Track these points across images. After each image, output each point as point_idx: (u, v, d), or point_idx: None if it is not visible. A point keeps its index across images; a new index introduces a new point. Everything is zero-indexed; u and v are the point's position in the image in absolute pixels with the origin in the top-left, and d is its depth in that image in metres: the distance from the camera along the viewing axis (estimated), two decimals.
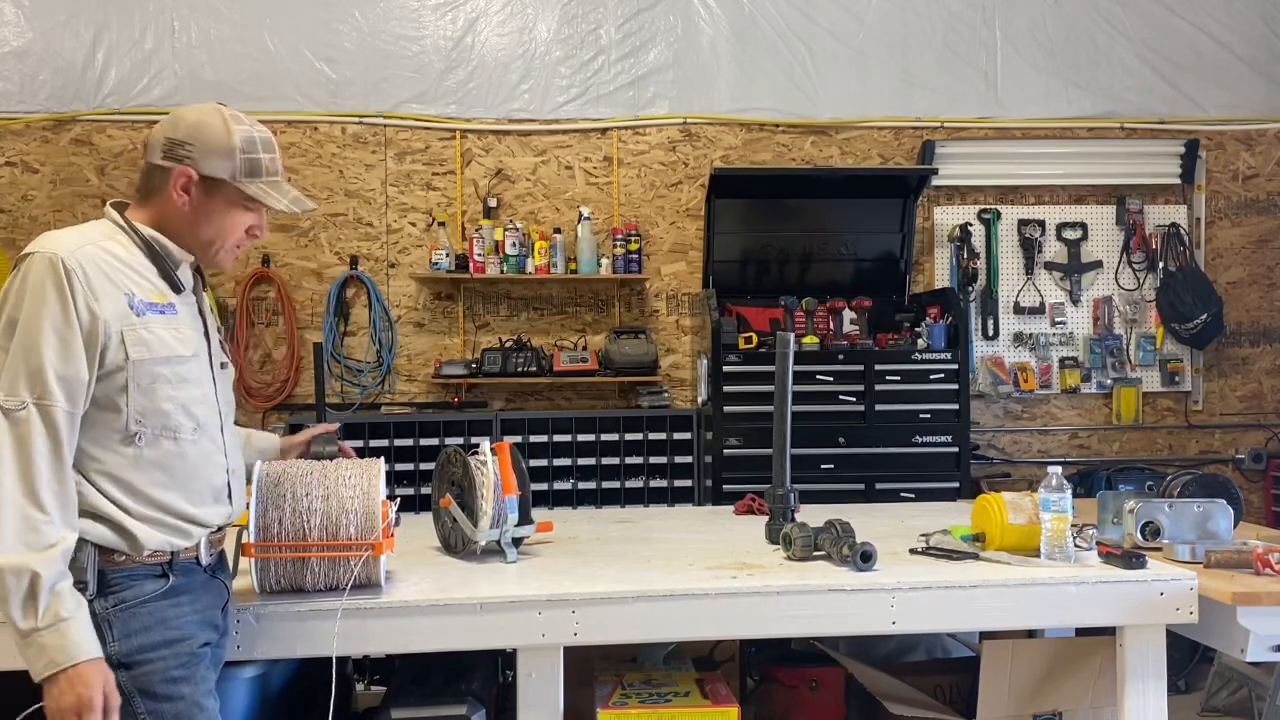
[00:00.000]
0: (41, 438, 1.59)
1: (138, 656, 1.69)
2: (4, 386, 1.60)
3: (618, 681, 2.45)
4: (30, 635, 1.56)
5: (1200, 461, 5.09)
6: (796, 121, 5.04)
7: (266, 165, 1.81)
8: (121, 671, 1.66)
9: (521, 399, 4.94)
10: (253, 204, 1.81)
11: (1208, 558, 2.33)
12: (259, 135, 1.82)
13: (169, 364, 1.73)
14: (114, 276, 1.69)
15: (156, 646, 1.70)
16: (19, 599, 1.55)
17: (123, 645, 1.68)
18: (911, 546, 2.49)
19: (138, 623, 1.70)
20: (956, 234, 5.02)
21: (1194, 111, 5.18)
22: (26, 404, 1.59)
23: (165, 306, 1.76)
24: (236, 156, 1.78)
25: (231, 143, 1.78)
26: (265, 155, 1.81)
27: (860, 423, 4.30)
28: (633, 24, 4.97)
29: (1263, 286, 5.24)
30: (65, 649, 1.57)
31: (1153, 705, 2.22)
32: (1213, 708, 4.06)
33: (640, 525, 3.03)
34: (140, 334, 1.70)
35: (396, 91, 4.89)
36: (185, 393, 1.76)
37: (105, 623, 1.66)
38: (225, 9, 4.79)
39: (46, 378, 1.60)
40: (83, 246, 1.67)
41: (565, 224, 4.90)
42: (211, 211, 1.79)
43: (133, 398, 1.69)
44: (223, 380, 1.90)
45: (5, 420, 1.59)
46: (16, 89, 4.74)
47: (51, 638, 1.56)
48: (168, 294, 1.78)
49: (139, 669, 1.68)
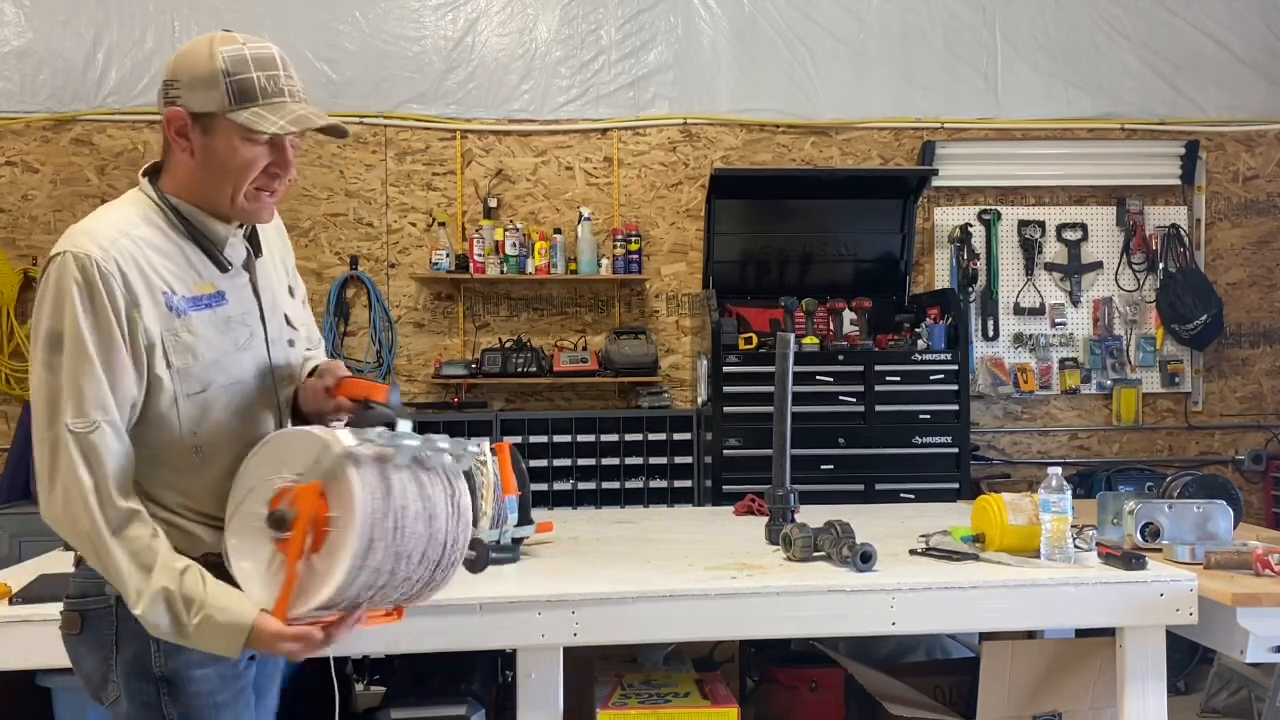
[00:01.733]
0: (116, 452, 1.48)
1: (184, 672, 1.54)
2: (69, 409, 1.45)
3: (617, 682, 2.45)
4: (198, 642, 1.47)
5: (1200, 462, 5.09)
6: (796, 122, 5.04)
7: (263, 85, 1.51)
8: (164, 689, 1.54)
9: (521, 399, 4.94)
10: (256, 135, 1.51)
11: (1207, 559, 2.33)
12: (252, 52, 1.52)
13: (220, 368, 1.55)
14: (149, 273, 1.51)
15: (202, 663, 1.54)
16: (170, 626, 1.46)
17: (169, 659, 1.53)
18: (911, 547, 2.49)
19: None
20: (956, 235, 5.02)
21: (1194, 112, 5.18)
22: (98, 424, 1.46)
23: (211, 297, 1.56)
24: (222, 83, 1.50)
25: (214, 67, 1.50)
26: (260, 74, 1.51)
27: (860, 423, 4.30)
28: (633, 24, 4.97)
29: (1263, 287, 5.24)
30: (232, 628, 1.45)
31: (1152, 706, 2.22)
32: (1212, 709, 4.06)
33: (640, 526, 3.03)
34: (183, 339, 1.52)
35: (397, 91, 4.89)
36: (241, 397, 1.58)
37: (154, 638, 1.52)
38: (225, 9, 4.79)
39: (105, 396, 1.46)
40: (116, 241, 1.49)
41: (565, 224, 4.90)
42: (215, 153, 1.52)
43: (184, 409, 1.53)
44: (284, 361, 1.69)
45: (75, 443, 1.45)
46: (17, 89, 4.74)
47: (210, 632, 1.45)
48: (215, 279, 1.58)
49: (181, 689, 1.55)
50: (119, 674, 1.54)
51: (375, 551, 1.42)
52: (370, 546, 1.41)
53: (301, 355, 1.78)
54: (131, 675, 1.54)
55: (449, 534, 1.53)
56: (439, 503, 1.51)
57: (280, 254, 1.79)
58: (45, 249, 4.74)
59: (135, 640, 1.53)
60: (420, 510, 1.48)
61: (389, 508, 1.44)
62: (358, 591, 1.44)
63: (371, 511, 1.42)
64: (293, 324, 1.75)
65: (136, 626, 1.50)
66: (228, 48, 1.53)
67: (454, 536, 1.54)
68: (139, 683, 1.54)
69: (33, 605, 2.03)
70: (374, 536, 1.42)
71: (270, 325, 1.66)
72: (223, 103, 1.50)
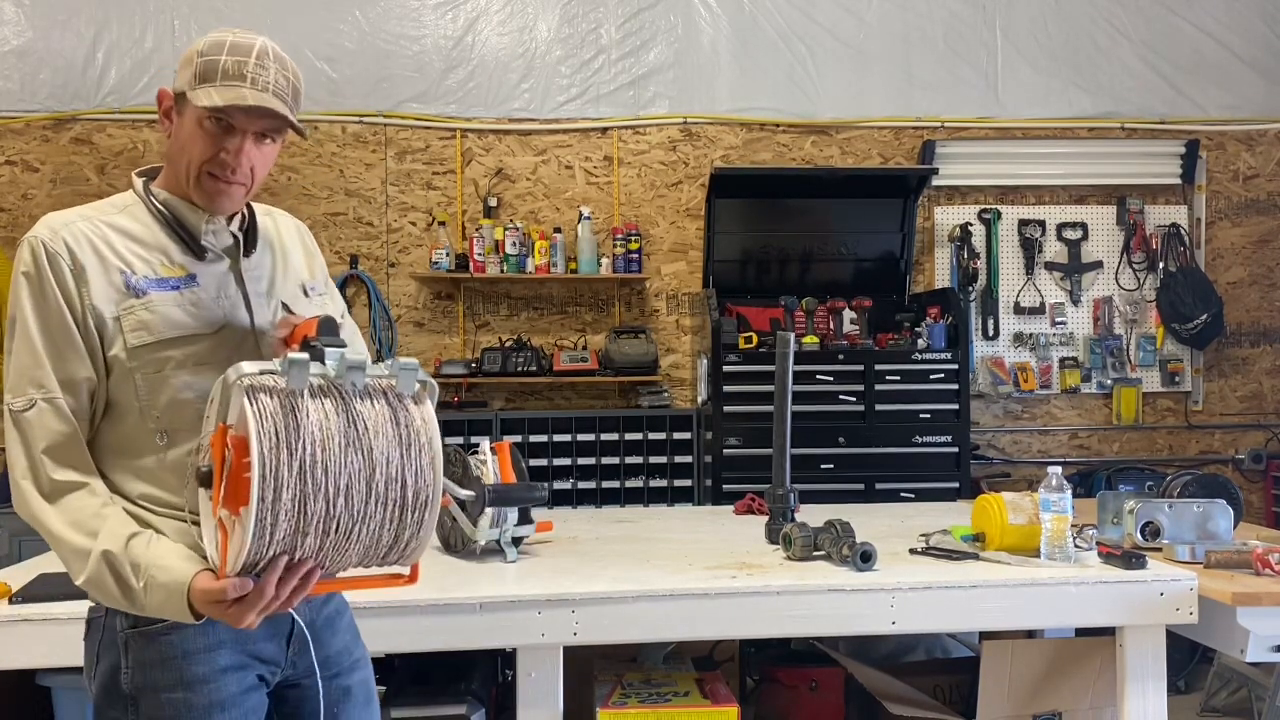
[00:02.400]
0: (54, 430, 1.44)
1: (149, 694, 1.45)
2: (9, 390, 1.44)
3: (617, 681, 2.45)
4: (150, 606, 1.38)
5: (1200, 462, 5.09)
6: (797, 121, 5.04)
7: (226, 67, 1.47)
8: (130, 709, 1.45)
9: (521, 398, 4.94)
10: (210, 115, 1.48)
11: (1208, 558, 2.33)
12: (234, 39, 1.51)
13: (179, 345, 1.48)
14: (105, 254, 1.48)
15: (171, 686, 1.44)
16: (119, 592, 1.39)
17: (134, 676, 1.45)
18: (911, 546, 2.49)
19: (153, 652, 1.45)
20: (957, 234, 5.02)
21: (1194, 112, 5.18)
22: (35, 401, 1.43)
23: (180, 280, 1.52)
24: (195, 62, 1.49)
25: (197, 47, 1.50)
26: (229, 58, 1.48)
27: (860, 423, 4.30)
28: (633, 23, 4.97)
29: (1263, 287, 5.24)
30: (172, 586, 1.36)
31: (1152, 705, 2.22)
32: (1212, 708, 4.06)
33: (640, 525, 3.03)
34: (140, 316, 1.47)
35: (396, 91, 4.89)
36: (206, 377, 1.47)
37: (123, 644, 1.46)
38: (225, 8, 4.79)
39: (45, 375, 1.44)
40: (71, 224, 1.49)
41: (565, 223, 4.89)
42: (181, 135, 1.52)
43: (141, 390, 1.47)
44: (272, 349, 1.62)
45: (13, 422, 1.43)
46: (17, 88, 4.73)
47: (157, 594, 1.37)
48: (188, 264, 1.54)
49: (146, 710, 1.45)
50: (94, 686, 1.51)
51: (286, 487, 1.24)
52: (275, 482, 1.23)
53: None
54: (102, 689, 1.49)
55: (399, 464, 1.31)
56: (378, 428, 1.31)
57: (298, 258, 1.74)
58: None
59: (110, 654, 1.48)
60: (344, 437, 1.29)
61: (296, 437, 1.25)
62: (284, 538, 1.26)
63: (270, 442, 1.24)
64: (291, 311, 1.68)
65: (113, 641, 1.47)
66: (216, 33, 1.53)
67: (411, 467, 1.32)
68: (108, 697, 1.49)
69: (33, 604, 2.03)
70: (278, 470, 1.23)
71: (257, 314, 1.59)
72: (190, 81, 1.49)
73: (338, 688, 1.62)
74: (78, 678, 2.08)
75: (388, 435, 1.31)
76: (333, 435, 1.27)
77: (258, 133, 1.53)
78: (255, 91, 1.49)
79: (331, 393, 1.32)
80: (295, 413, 1.27)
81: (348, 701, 1.63)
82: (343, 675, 1.63)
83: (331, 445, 1.27)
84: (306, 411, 1.28)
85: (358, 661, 1.67)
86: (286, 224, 1.76)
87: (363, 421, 1.30)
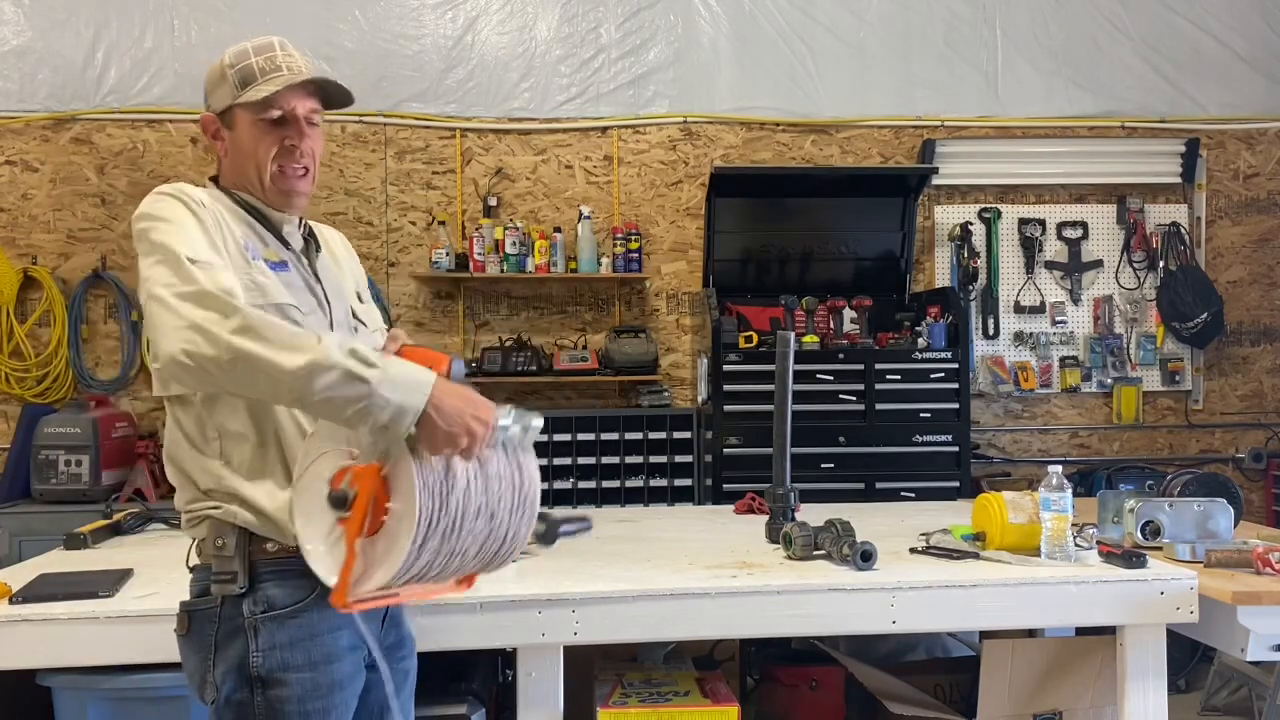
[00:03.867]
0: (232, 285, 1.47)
1: (279, 675, 1.53)
2: (186, 255, 1.46)
3: (618, 681, 2.45)
4: (381, 389, 1.38)
5: (1200, 461, 5.09)
6: (797, 120, 5.04)
7: (261, 66, 1.62)
8: (257, 690, 1.52)
9: (522, 398, 4.93)
10: (263, 111, 1.62)
11: (1208, 557, 2.33)
12: (253, 43, 1.65)
13: (285, 314, 1.55)
14: (223, 222, 1.60)
15: (300, 667, 1.54)
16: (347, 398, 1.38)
17: (266, 659, 1.53)
18: (911, 546, 2.49)
19: (284, 634, 1.54)
20: (957, 233, 5.02)
21: (1194, 110, 5.17)
22: (213, 263, 1.47)
23: (278, 264, 1.63)
24: (229, 77, 1.63)
25: (222, 66, 1.64)
26: (258, 58, 1.63)
27: (860, 422, 4.29)
28: (633, 23, 4.96)
29: (1263, 286, 5.23)
30: (410, 368, 1.44)
31: (1153, 705, 2.22)
32: (1213, 707, 4.06)
33: (640, 524, 3.03)
34: (257, 279, 1.56)
35: (396, 90, 4.88)
36: None
37: (251, 629, 1.53)
38: (225, 7, 4.79)
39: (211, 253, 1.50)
40: (195, 193, 1.60)
41: (565, 223, 4.89)
42: (239, 142, 1.64)
43: None
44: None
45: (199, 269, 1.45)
46: (16, 88, 4.73)
47: (397, 368, 1.42)
48: (281, 252, 1.66)
49: (275, 690, 1.53)
50: (216, 674, 1.55)
51: (429, 549, 1.41)
52: (424, 542, 1.40)
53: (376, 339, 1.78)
54: (228, 674, 1.54)
55: (510, 529, 1.51)
56: (503, 495, 1.50)
57: (349, 265, 1.87)
58: (45, 248, 4.74)
59: (236, 640, 1.53)
60: (482, 507, 1.47)
61: (449, 507, 1.42)
62: (408, 577, 1.45)
63: (431, 513, 1.40)
64: (359, 319, 1.79)
65: (238, 628, 1.53)
66: (233, 48, 1.65)
67: (515, 530, 1.52)
68: (234, 682, 1.54)
69: (33, 605, 2.03)
70: (428, 535, 1.40)
71: (335, 309, 1.71)
72: (233, 93, 1.62)
73: (400, 670, 1.74)
74: (78, 678, 2.09)
75: (509, 503, 1.51)
76: (472, 500, 1.45)
77: (308, 119, 1.66)
78: (295, 76, 1.63)
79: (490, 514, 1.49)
80: (452, 488, 1.43)
81: (406, 683, 1.78)
82: (406, 659, 1.78)
83: (469, 512, 1.45)
84: (455, 477, 1.44)
85: (412, 648, 1.82)
86: (332, 234, 1.89)
87: (495, 489, 1.49)
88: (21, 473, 4.29)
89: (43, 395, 4.61)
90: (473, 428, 1.44)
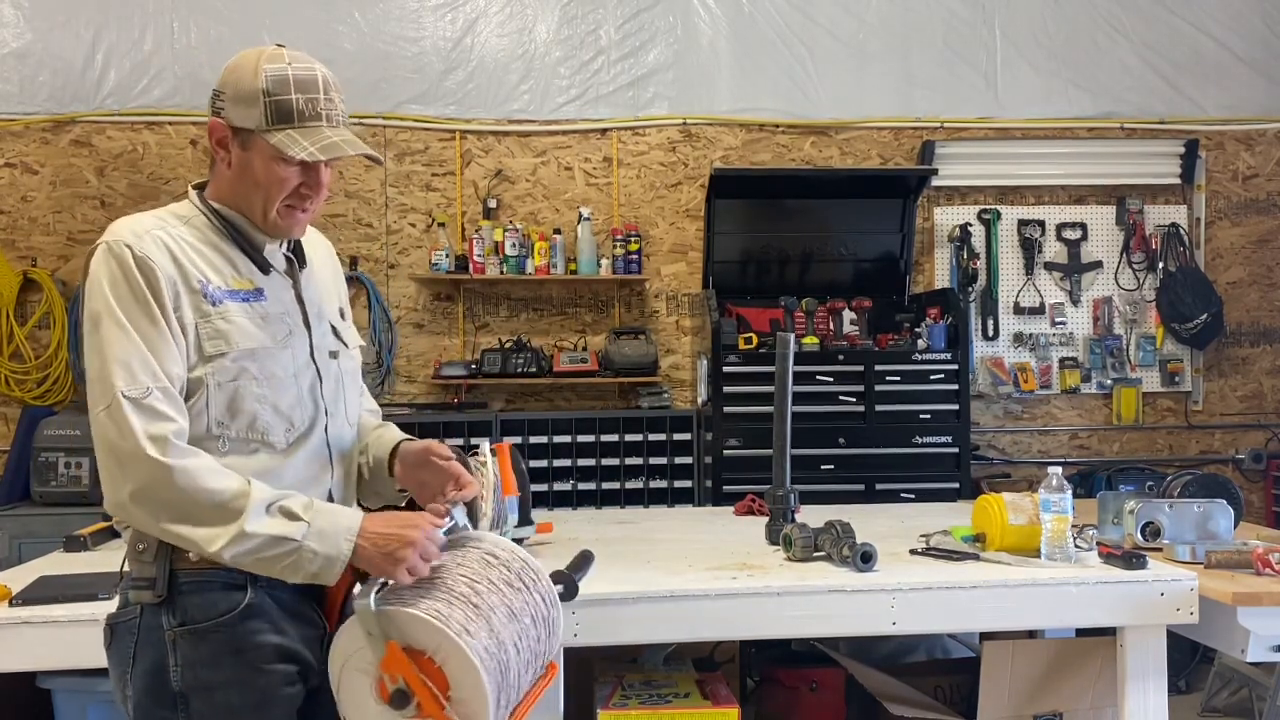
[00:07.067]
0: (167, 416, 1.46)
1: (200, 694, 1.48)
2: (120, 378, 1.43)
3: (618, 682, 2.44)
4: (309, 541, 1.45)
5: (1200, 461, 5.09)
6: (796, 122, 5.04)
7: (300, 108, 1.53)
8: (180, 708, 1.48)
9: (521, 400, 4.93)
10: (290, 156, 1.53)
11: (1208, 558, 2.33)
12: (295, 73, 1.54)
13: (253, 358, 1.54)
14: (184, 263, 1.52)
15: (223, 685, 1.49)
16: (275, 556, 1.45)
17: (185, 676, 1.48)
18: (912, 547, 2.48)
19: (205, 649, 1.49)
20: (956, 234, 5.02)
21: (1194, 111, 5.18)
22: (150, 389, 1.44)
23: (250, 293, 1.57)
24: (261, 101, 1.52)
25: (256, 85, 1.52)
26: (300, 96, 1.53)
27: (860, 423, 4.29)
28: (632, 24, 4.96)
29: (1263, 286, 5.24)
30: (337, 514, 1.51)
31: (1153, 706, 2.22)
32: (1213, 708, 4.05)
33: (640, 526, 3.03)
34: (217, 325, 1.52)
35: (396, 92, 4.88)
36: (275, 390, 1.56)
37: (170, 644, 1.48)
38: (224, 10, 4.79)
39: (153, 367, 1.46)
40: (151, 230, 1.52)
41: (565, 224, 4.89)
42: (250, 168, 1.56)
43: (214, 398, 1.51)
44: (330, 371, 1.68)
45: (131, 407, 1.43)
46: (16, 90, 4.73)
47: (324, 519, 1.48)
48: (255, 278, 1.59)
49: (198, 706, 1.48)
50: (134, 688, 1.51)
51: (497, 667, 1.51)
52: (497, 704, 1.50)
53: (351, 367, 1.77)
54: (146, 690, 1.50)
55: (545, 655, 1.67)
56: (538, 637, 1.62)
57: (332, 275, 1.81)
58: (45, 250, 4.74)
59: (153, 653, 1.49)
60: (530, 658, 1.60)
61: (504, 677, 1.52)
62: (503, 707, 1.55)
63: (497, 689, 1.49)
64: (341, 338, 1.75)
65: (156, 639, 1.49)
66: (272, 66, 1.54)
67: (546, 650, 1.66)
68: (153, 697, 1.49)
69: (33, 607, 2.03)
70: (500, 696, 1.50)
71: (315, 331, 1.67)
72: (260, 121, 1.53)
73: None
74: (78, 680, 2.08)
75: (544, 638, 1.64)
76: (522, 653, 1.56)
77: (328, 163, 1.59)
78: (341, 132, 1.57)
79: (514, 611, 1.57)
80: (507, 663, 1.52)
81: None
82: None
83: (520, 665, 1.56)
84: (509, 638, 1.53)
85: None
86: (318, 242, 1.82)
87: (531, 635, 1.59)
88: (21, 475, 4.29)
89: (42, 398, 4.61)
90: (407, 536, 1.49)
